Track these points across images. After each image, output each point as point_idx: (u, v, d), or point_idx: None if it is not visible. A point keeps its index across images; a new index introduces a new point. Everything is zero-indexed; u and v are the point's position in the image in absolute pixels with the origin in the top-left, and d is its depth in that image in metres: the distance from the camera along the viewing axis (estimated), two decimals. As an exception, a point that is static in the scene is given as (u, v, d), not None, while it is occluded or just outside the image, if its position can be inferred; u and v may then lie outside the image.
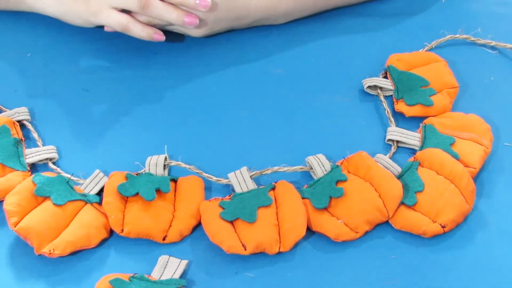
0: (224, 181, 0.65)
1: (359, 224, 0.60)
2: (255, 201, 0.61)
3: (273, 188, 0.63)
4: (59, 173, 0.65)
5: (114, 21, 0.71)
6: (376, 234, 0.61)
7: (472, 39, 0.78)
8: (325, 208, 0.61)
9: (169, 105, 0.72)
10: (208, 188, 0.65)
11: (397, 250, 0.60)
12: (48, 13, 0.75)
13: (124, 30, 0.71)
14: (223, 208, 0.61)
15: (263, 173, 0.64)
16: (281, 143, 0.68)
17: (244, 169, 0.65)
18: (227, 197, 0.63)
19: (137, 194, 0.62)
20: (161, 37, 0.73)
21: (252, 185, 0.63)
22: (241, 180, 0.64)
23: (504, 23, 0.80)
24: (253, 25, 0.78)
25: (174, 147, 0.68)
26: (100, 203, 0.62)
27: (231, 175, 0.64)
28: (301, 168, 0.65)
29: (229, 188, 0.65)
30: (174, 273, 0.58)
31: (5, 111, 0.70)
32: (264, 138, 0.69)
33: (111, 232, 0.61)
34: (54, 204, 0.60)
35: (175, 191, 0.64)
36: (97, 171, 0.65)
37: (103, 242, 0.61)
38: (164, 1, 0.71)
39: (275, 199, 0.62)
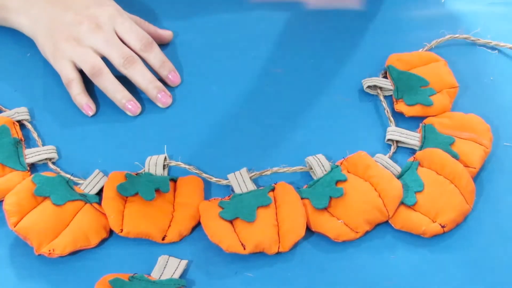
0: (224, 181, 0.64)
1: (359, 224, 0.60)
2: (255, 201, 0.61)
3: (273, 189, 0.63)
4: (58, 173, 0.65)
5: (63, 73, 0.71)
6: (376, 234, 0.61)
7: (472, 39, 0.78)
8: (325, 208, 0.61)
9: (169, 105, 0.72)
10: (208, 189, 0.65)
11: (397, 250, 0.60)
12: (24, 32, 0.75)
13: (65, 85, 0.71)
14: (223, 208, 0.61)
15: (263, 174, 0.64)
16: (281, 143, 0.68)
17: (243, 170, 0.64)
18: (227, 197, 0.63)
19: (136, 194, 0.62)
20: (90, 112, 0.70)
21: (251, 186, 0.63)
22: (241, 181, 0.64)
23: (504, 23, 0.80)
24: None
25: (174, 147, 0.68)
26: (99, 203, 0.62)
27: (230, 175, 0.64)
28: (301, 169, 0.65)
29: (228, 189, 0.65)
30: (174, 273, 0.58)
31: (5, 111, 0.70)
32: (264, 138, 0.69)
33: (111, 232, 0.61)
34: (54, 204, 0.60)
35: (174, 191, 0.64)
36: (97, 171, 0.65)
37: (102, 242, 0.61)
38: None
39: (275, 200, 0.62)
